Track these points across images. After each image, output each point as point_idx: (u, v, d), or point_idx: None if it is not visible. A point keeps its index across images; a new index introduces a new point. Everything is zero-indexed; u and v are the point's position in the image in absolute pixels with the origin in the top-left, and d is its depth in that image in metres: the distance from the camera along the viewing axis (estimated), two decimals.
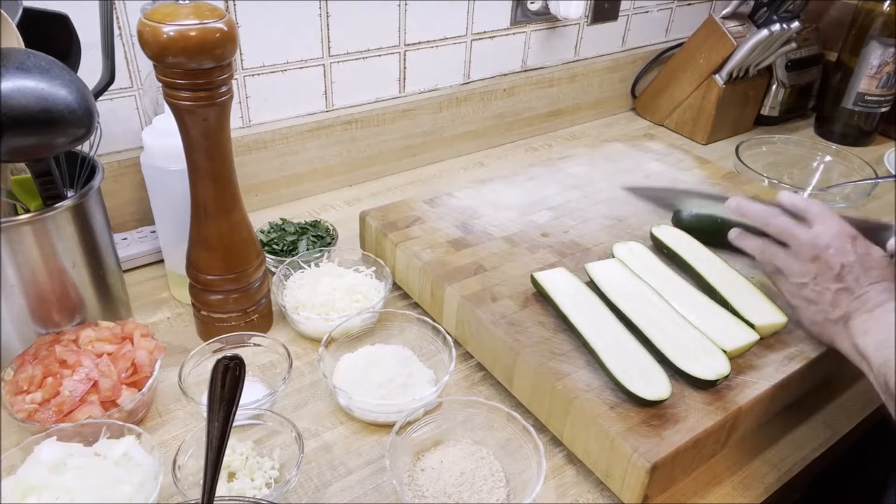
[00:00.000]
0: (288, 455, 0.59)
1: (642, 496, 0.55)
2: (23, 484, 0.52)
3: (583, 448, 0.59)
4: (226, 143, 0.63)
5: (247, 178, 0.93)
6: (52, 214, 0.62)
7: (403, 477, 0.58)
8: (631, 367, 0.59)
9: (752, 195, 0.90)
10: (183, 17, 0.55)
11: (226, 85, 0.60)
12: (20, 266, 0.62)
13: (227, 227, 0.67)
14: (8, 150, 0.55)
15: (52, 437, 0.55)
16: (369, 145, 1.04)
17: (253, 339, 0.69)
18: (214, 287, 0.69)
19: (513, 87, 1.16)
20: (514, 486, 0.58)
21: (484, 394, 0.69)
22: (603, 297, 0.68)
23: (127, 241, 0.84)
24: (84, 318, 0.68)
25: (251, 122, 0.94)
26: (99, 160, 0.69)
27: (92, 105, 0.59)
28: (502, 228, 0.81)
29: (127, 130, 0.85)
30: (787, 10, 1.15)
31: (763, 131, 1.28)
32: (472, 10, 1.06)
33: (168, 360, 0.67)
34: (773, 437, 0.67)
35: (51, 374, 0.60)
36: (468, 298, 0.69)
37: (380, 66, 1.01)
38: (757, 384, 0.61)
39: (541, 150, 1.20)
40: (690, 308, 0.67)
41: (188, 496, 0.53)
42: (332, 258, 0.81)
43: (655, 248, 0.78)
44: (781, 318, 0.66)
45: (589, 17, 1.22)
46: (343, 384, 0.65)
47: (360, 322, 0.72)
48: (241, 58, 0.88)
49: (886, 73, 1.17)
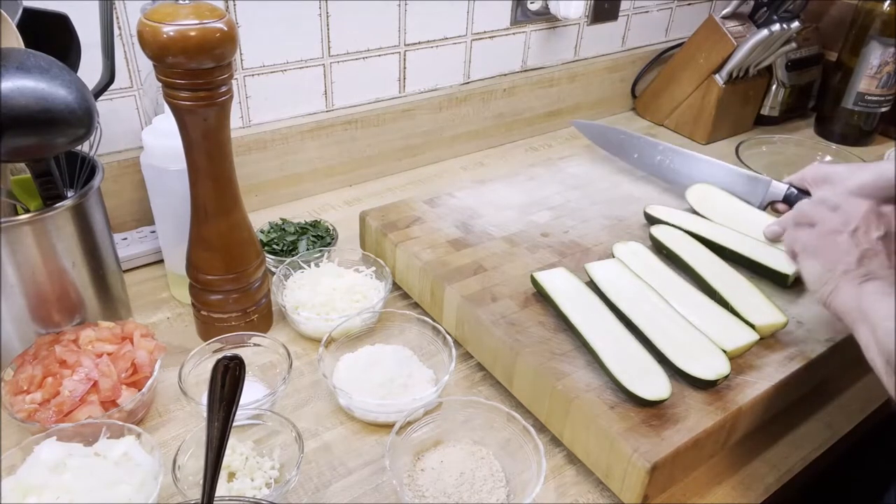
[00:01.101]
0: (288, 455, 0.59)
1: (642, 496, 0.55)
2: (23, 484, 0.52)
3: (583, 448, 0.59)
4: (226, 143, 0.63)
5: (247, 178, 0.93)
6: (52, 214, 0.62)
7: (403, 477, 0.58)
8: (631, 367, 0.59)
9: None
10: (183, 17, 0.55)
11: (226, 85, 0.60)
12: (20, 266, 0.62)
13: (227, 227, 0.67)
14: (8, 150, 0.55)
15: (52, 437, 0.55)
16: (369, 145, 1.04)
17: (253, 339, 0.69)
18: (214, 287, 0.69)
19: (513, 87, 1.16)
20: (514, 486, 0.58)
21: (484, 394, 0.69)
22: (603, 297, 0.68)
23: (127, 241, 0.84)
24: (84, 318, 0.68)
25: (251, 122, 0.94)
26: (99, 160, 0.69)
27: (92, 105, 0.59)
28: (502, 228, 0.81)
29: (127, 130, 0.85)
30: (787, 10, 1.15)
31: (763, 131, 1.28)
32: (472, 10, 1.06)
33: (168, 360, 0.67)
34: (773, 437, 0.67)
35: (51, 374, 0.60)
36: (468, 298, 0.69)
37: (380, 66, 1.01)
38: (757, 384, 0.61)
39: (541, 150, 1.20)
40: (690, 308, 0.67)
41: (188, 496, 0.53)
42: (332, 258, 0.81)
43: (655, 248, 0.78)
44: (781, 318, 0.66)
45: (589, 17, 1.22)
46: (343, 384, 0.65)
47: (360, 322, 0.72)
48: (241, 58, 0.88)
49: (886, 72, 1.17)
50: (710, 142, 1.22)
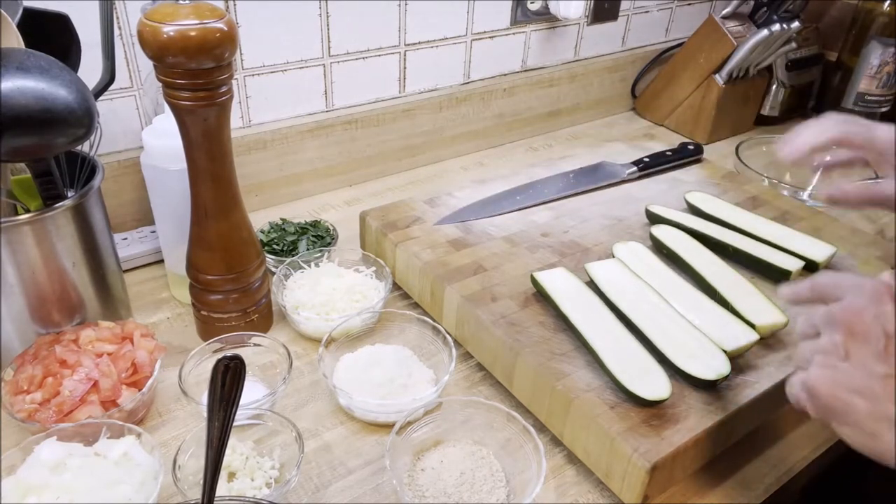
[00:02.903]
0: (288, 455, 0.59)
1: (642, 496, 0.55)
2: (23, 484, 0.52)
3: (583, 448, 0.59)
4: (226, 143, 0.63)
5: (247, 178, 0.93)
6: (52, 214, 0.62)
7: (403, 477, 0.58)
8: (631, 367, 0.59)
9: (753, 195, 0.91)
10: (183, 17, 0.55)
11: (226, 85, 0.60)
12: (20, 266, 0.62)
13: (227, 227, 0.67)
14: (8, 150, 0.55)
15: (52, 437, 0.55)
16: (369, 145, 1.04)
17: (253, 339, 0.69)
18: (214, 287, 0.69)
19: (513, 87, 1.16)
20: (514, 486, 0.58)
21: (484, 394, 0.69)
22: (603, 297, 0.68)
23: (127, 241, 0.84)
24: (84, 318, 0.68)
25: (251, 122, 0.94)
26: (99, 160, 0.69)
27: (92, 105, 0.59)
28: (502, 228, 0.81)
29: (127, 130, 0.85)
30: (787, 10, 1.15)
31: (763, 131, 1.28)
32: (472, 10, 1.06)
33: (168, 360, 0.67)
34: (773, 437, 0.67)
35: (51, 374, 0.60)
36: (468, 298, 0.69)
37: (380, 66, 1.01)
38: (757, 384, 0.61)
39: (541, 150, 1.20)
40: (690, 308, 0.67)
41: (188, 496, 0.53)
42: (332, 258, 0.81)
43: (655, 248, 0.78)
44: (781, 318, 0.66)
45: (589, 17, 1.22)
46: (343, 384, 0.65)
47: (360, 322, 0.72)
48: (241, 58, 0.88)
49: (886, 73, 1.17)
50: (710, 142, 1.22)
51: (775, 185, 1.01)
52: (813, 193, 1.02)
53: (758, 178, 1.03)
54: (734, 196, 0.91)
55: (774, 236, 0.78)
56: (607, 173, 0.94)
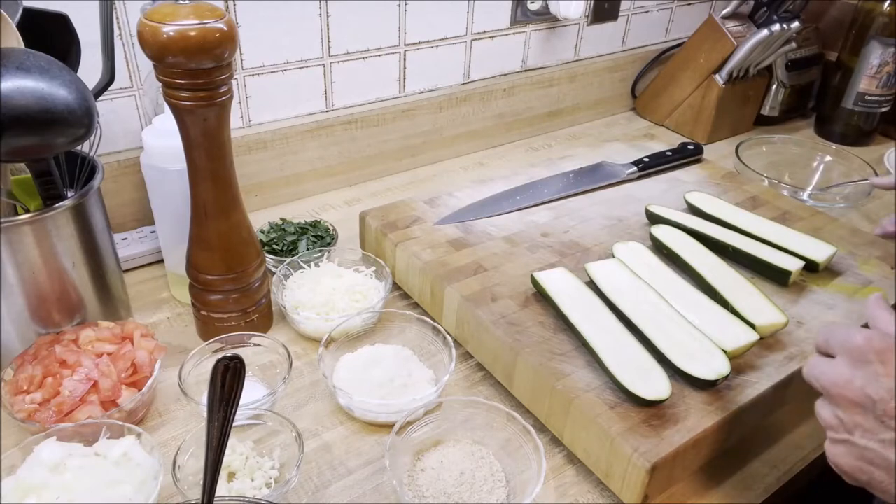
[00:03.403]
0: (288, 455, 0.59)
1: (642, 496, 0.55)
2: (23, 484, 0.52)
3: (583, 448, 0.59)
4: (226, 143, 0.63)
5: (247, 178, 0.93)
6: (52, 214, 0.62)
7: (403, 477, 0.58)
8: (631, 367, 0.59)
9: (753, 195, 0.90)
10: (183, 17, 0.55)
11: (226, 85, 0.60)
12: (20, 266, 0.62)
13: (227, 227, 0.67)
14: (8, 150, 0.55)
15: (52, 437, 0.55)
16: (369, 145, 1.04)
17: (253, 339, 0.69)
18: (214, 287, 0.69)
19: (513, 87, 1.16)
20: (514, 486, 0.58)
21: (484, 394, 0.69)
22: (603, 297, 0.68)
23: (127, 241, 0.84)
24: (84, 318, 0.68)
25: (251, 122, 0.94)
26: (99, 160, 0.69)
27: (92, 105, 0.59)
28: (502, 228, 0.81)
29: (127, 130, 0.85)
30: (787, 10, 1.15)
31: (763, 131, 1.28)
32: (472, 10, 1.06)
33: (168, 360, 0.67)
34: (773, 437, 0.67)
35: (51, 374, 0.60)
36: (468, 298, 0.69)
37: (380, 66, 1.01)
38: (757, 384, 0.61)
39: (541, 150, 1.20)
40: (690, 308, 0.67)
41: (188, 496, 0.53)
42: (332, 258, 0.81)
43: (655, 248, 0.78)
44: (781, 318, 0.66)
45: (589, 17, 1.22)
46: (343, 384, 0.65)
47: (360, 322, 0.72)
48: (241, 58, 0.88)
49: (886, 72, 1.17)
50: (710, 142, 1.22)
51: (775, 185, 1.01)
52: (812, 194, 1.03)
53: (758, 178, 1.03)
54: (734, 196, 0.91)
55: (774, 236, 0.78)
56: (607, 173, 0.94)
